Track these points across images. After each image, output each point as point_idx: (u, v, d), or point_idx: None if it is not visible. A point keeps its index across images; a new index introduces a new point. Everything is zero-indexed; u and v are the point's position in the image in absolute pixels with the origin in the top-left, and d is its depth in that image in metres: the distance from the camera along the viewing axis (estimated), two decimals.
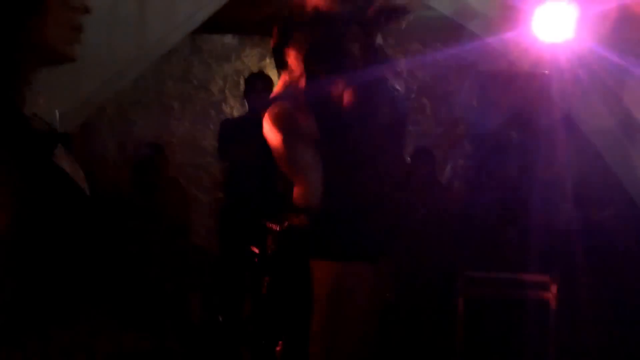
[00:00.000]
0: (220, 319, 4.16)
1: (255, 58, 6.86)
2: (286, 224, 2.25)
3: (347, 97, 2.16)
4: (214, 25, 6.00)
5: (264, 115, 2.64)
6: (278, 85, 2.58)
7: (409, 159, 4.45)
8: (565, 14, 3.92)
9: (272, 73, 6.18)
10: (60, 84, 4.03)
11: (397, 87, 2.30)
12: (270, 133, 2.64)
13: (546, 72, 3.81)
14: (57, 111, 3.09)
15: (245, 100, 5.45)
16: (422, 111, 6.81)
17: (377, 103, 2.22)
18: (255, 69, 6.25)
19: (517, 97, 3.76)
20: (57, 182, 1.15)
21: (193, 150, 6.82)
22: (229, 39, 6.85)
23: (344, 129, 2.17)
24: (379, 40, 2.21)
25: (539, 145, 3.80)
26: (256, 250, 3.62)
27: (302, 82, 2.21)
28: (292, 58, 2.27)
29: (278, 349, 2.45)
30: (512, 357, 3.69)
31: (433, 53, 6.72)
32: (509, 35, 4.11)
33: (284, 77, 2.35)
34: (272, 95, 2.85)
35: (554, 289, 3.67)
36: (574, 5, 3.89)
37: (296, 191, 2.22)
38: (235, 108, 6.76)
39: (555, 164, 5.38)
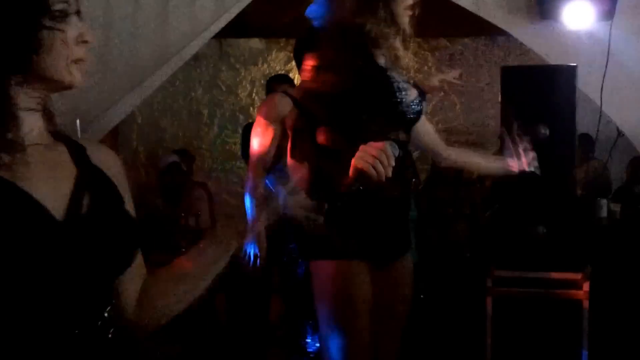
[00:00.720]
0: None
1: (282, 61, 6.85)
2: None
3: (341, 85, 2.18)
4: (240, 29, 6.02)
5: None
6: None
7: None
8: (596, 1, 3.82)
9: (298, 77, 6.18)
10: (84, 93, 4.08)
11: (403, 87, 2.29)
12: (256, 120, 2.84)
13: (574, 64, 3.72)
14: (77, 120, 3.07)
15: None
16: (452, 108, 6.74)
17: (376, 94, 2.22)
18: (282, 72, 6.25)
19: (544, 92, 3.66)
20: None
21: (222, 155, 6.84)
22: (255, 43, 6.85)
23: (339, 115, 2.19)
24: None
25: (568, 141, 3.70)
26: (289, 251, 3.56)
27: (307, 76, 2.24)
28: (309, 60, 2.29)
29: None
30: (543, 358, 3.60)
31: (460, 49, 6.63)
32: (536, 28, 4.03)
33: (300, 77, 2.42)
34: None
35: (586, 286, 3.56)
36: None
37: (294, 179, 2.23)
38: None
39: (588, 160, 5.26)
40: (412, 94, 2.37)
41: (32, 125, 1.24)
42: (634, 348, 4.03)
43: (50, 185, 1.21)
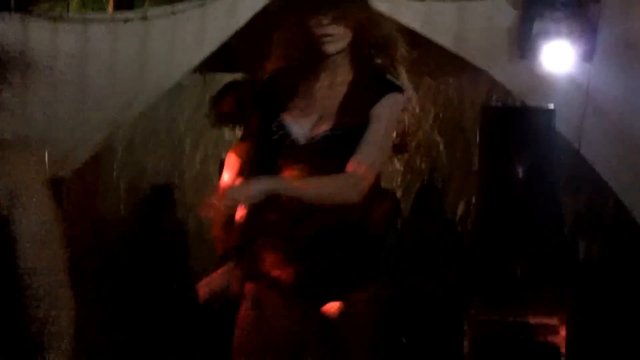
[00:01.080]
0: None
1: None
2: None
3: None
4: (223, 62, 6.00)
5: None
6: None
7: None
8: (576, 41, 3.81)
9: None
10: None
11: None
12: None
13: (552, 107, 3.71)
14: (46, 152, 3.02)
15: None
16: (436, 147, 6.70)
17: None
18: None
19: (522, 133, 3.65)
20: None
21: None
22: (239, 77, 6.82)
23: None
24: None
25: (545, 182, 3.68)
26: None
27: None
28: None
29: None
30: None
31: (445, 88, 6.63)
32: (515, 67, 4.01)
33: None
34: None
35: (563, 331, 3.51)
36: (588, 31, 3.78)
37: None
38: None
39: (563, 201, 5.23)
40: (313, 129, 2.27)
41: None
42: None
43: None
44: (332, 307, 2.27)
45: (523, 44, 3.89)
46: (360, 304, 2.30)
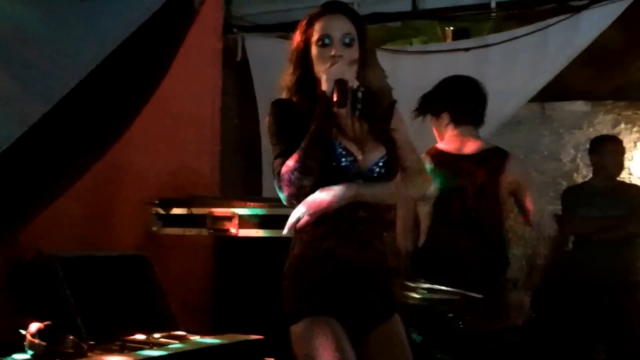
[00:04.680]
0: None
1: (608, 124, 6.51)
2: None
3: None
4: (562, 92, 5.86)
5: None
6: None
7: None
8: None
9: (627, 139, 5.83)
10: None
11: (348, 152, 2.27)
12: None
13: None
14: None
15: None
16: None
17: None
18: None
19: None
20: None
21: None
22: (580, 106, 6.60)
23: None
24: None
25: None
26: None
27: None
28: None
29: None
30: None
31: None
32: None
33: None
34: None
35: None
36: None
37: None
38: (588, 177, 6.45)
39: None
40: (370, 156, 2.26)
41: None
42: None
43: None
44: None
45: None
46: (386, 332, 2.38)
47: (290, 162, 2.14)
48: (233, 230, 3.74)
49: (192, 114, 4.60)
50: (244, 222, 3.75)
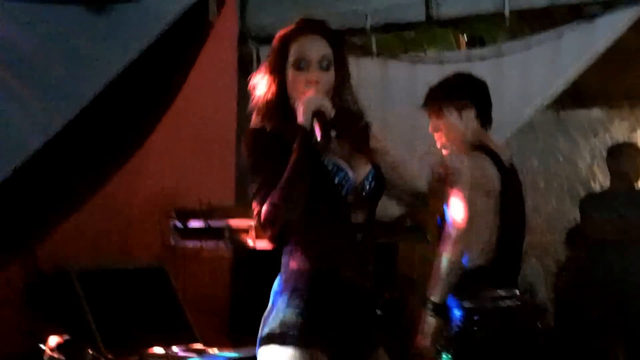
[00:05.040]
0: None
1: (625, 130, 6.48)
2: None
3: None
4: (578, 98, 5.83)
5: None
6: None
7: None
8: None
9: None
10: None
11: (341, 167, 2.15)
12: None
13: None
14: None
15: None
16: None
17: None
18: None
19: None
20: None
21: (560, 224, 6.57)
22: (596, 113, 6.57)
23: None
24: None
25: None
26: None
27: None
28: None
29: None
30: None
31: None
32: None
33: None
34: None
35: None
36: None
37: None
38: (605, 184, 6.42)
39: None
40: (359, 171, 2.15)
41: None
42: None
43: None
44: None
45: None
46: None
47: (274, 200, 2.01)
48: (250, 243, 3.73)
49: (208, 124, 4.61)
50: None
